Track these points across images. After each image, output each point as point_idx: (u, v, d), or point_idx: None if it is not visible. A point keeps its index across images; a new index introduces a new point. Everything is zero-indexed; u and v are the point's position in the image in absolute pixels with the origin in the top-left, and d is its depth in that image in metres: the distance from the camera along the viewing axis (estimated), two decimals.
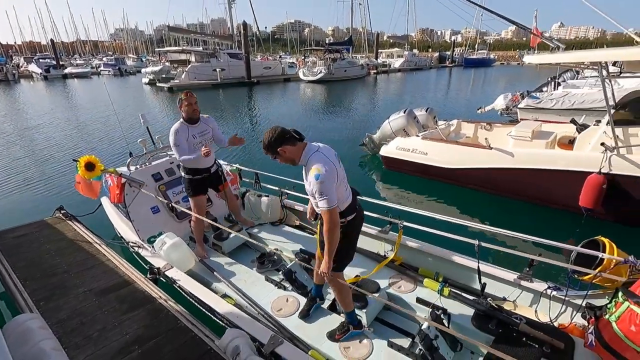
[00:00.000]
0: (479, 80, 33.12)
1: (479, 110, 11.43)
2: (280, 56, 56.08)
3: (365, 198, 3.21)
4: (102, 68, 48.93)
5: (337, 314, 2.83)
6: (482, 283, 2.81)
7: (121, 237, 4.00)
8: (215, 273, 3.34)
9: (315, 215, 2.44)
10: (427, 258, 3.32)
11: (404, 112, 7.46)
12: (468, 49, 65.81)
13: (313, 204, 2.33)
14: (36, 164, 8.60)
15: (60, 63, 44.80)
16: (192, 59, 29.41)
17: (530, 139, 5.59)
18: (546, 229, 4.85)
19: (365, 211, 2.58)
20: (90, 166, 3.47)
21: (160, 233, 3.69)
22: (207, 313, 2.78)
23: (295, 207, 4.37)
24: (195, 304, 2.87)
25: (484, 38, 79.12)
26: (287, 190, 4.35)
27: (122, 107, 17.62)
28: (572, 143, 5.40)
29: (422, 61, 51.80)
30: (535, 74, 30.53)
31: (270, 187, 4.61)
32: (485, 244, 2.81)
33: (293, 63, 47.79)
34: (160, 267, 3.20)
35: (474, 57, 57.44)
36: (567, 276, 2.52)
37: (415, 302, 2.91)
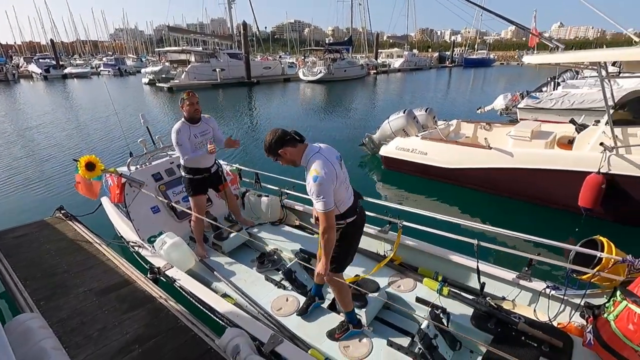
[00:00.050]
0: (478, 80, 33.14)
1: (479, 110, 11.43)
2: (280, 56, 56.07)
3: (364, 198, 3.22)
4: (101, 68, 48.93)
5: (337, 313, 2.83)
6: (481, 282, 2.82)
7: (121, 236, 4.01)
8: (215, 273, 3.35)
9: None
10: (427, 258, 3.33)
11: (404, 112, 7.47)
12: (468, 49, 65.85)
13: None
14: (36, 164, 8.61)
15: (60, 63, 44.81)
16: (192, 59, 29.42)
17: (530, 139, 5.60)
18: (545, 229, 4.86)
19: (365, 211, 2.59)
20: (90, 166, 3.47)
21: (161, 233, 3.70)
22: (207, 312, 2.79)
23: (295, 207, 4.38)
24: (196, 303, 2.88)
25: (483, 38, 79.23)
26: (287, 190, 4.36)
27: (122, 107, 17.62)
28: (571, 143, 5.40)
29: (421, 61, 51.84)
30: (535, 74, 30.54)
31: (270, 187, 4.62)
32: (484, 244, 2.82)
33: (293, 63, 47.80)
34: (160, 267, 3.21)
35: (474, 57, 57.50)
36: (566, 275, 2.53)
37: (415, 302, 2.91)
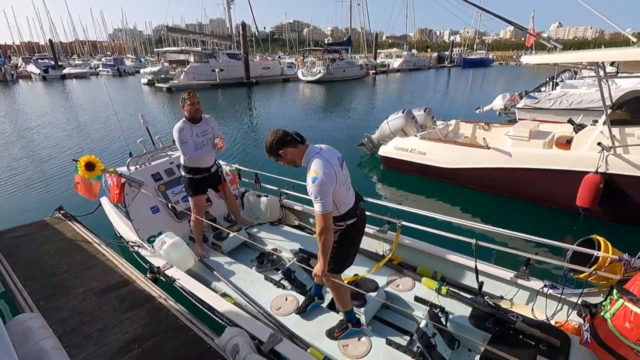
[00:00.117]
0: (477, 80, 33.19)
1: (478, 110, 11.44)
2: (279, 56, 56.04)
3: (364, 198, 3.23)
4: (100, 68, 48.89)
5: (336, 312, 2.85)
6: (479, 282, 2.84)
7: (121, 236, 4.02)
8: (214, 272, 3.35)
9: None
10: (425, 257, 3.35)
11: (403, 112, 7.48)
12: (467, 49, 65.94)
13: None
14: (36, 165, 8.61)
15: (59, 63, 44.72)
16: (191, 59, 29.41)
17: (528, 139, 5.62)
18: (544, 229, 4.88)
19: (365, 211, 2.60)
20: (90, 166, 3.48)
21: (160, 233, 3.71)
22: (207, 312, 2.79)
23: (295, 207, 4.39)
24: (195, 302, 2.89)
25: (482, 38, 79.21)
26: (286, 190, 4.37)
27: (121, 108, 17.61)
28: (569, 143, 5.42)
29: (420, 61, 51.91)
30: (534, 74, 30.57)
31: (269, 187, 4.63)
32: (482, 243, 2.83)
33: (292, 63, 47.77)
34: (160, 267, 3.22)
35: (473, 57, 57.58)
36: (564, 274, 2.54)
37: (414, 301, 2.93)
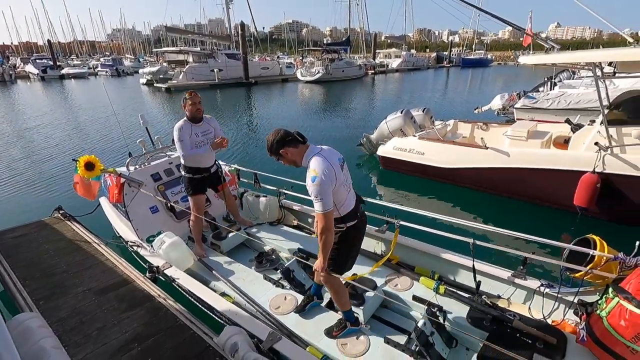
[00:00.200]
0: (476, 81, 33.25)
1: (476, 110, 11.47)
2: (278, 56, 55.98)
3: (364, 200, 3.24)
4: (99, 69, 48.85)
5: (335, 311, 2.86)
6: (477, 281, 2.85)
7: (120, 236, 4.02)
8: (213, 272, 3.36)
9: None
10: (423, 257, 3.36)
11: (401, 113, 7.49)
12: (465, 49, 66.07)
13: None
14: (35, 165, 8.60)
15: (57, 64, 44.66)
16: (190, 59, 29.41)
17: (526, 139, 5.64)
18: (541, 228, 4.90)
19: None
20: (90, 166, 3.49)
21: (159, 232, 3.72)
22: (206, 311, 2.80)
23: (293, 207, 4.39)
24: (194, 302, 2.90)
25: (481, 38, 79.49)
26: (285, 191, 4.37)
27: (120, 108, 17.60)
28: (567, 143, 5.44)
29: (419, 61, 51.99)
30: (532, 74, 30.66)
31: (268, 187, 4.63)
32: (480, 243, 2.85)
33: (291, 63, 47.78)
34: (159, 266, 3.23)
35: (472, 57, 57.72)
36: (560, 274, 2.56)
37: (412, 300, 2.94)
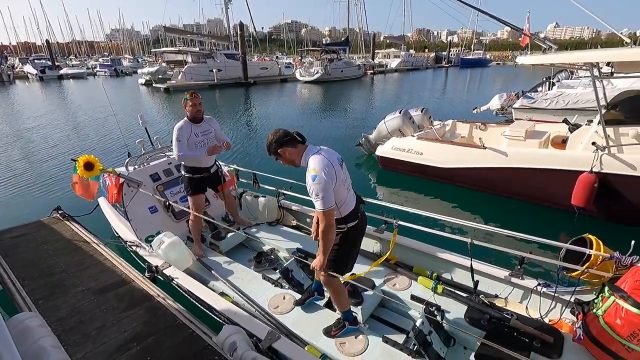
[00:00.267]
0: (475, 81, 33.30)
1: (475, 110, 11.48)
2: (277, 57, 56.04)
3: (364, 200, 3.25)
4: (98, 69, 48.81)
5: (333, 311, 2.87)
6: (474, 280, 2.87)
7: (119, 236, 4.03)
8: (212, 272, 3.38)
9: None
10: (422, 256, 3.38)
11: (400, 113, 7.51)
12: (464, 49, 66.08)
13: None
14: (33, 165, 8.60)
15: (56, 64, 44.62)
16: (189, 59, 29.39)
17: (524, 139, 5.65)
18: (539, 228, 4.90)
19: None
20: (89, 166, 3.50)
21: (158, 232, 3.73)
22: (205, 310, 2.81)
23: (292, 208, 4.40)
24: (193, 301, 2.91)
25: (480, 38, 79.57)
26: (284, 191, 4.37)
27: (119, 108, 17.59)
28: (565, 143, 5.46)
29: (418, 61, 52.06)
30: (531, 74, 30.71)
31: (267, 187, 4.64)
32: (478, 242, 2.86)
33: (290, 63, 47.75)
34: (158, 266, 3.24)
35: (470, 57, 57.76)
36: (557, 273, 2.58)
37: (410, 300, 2.96)
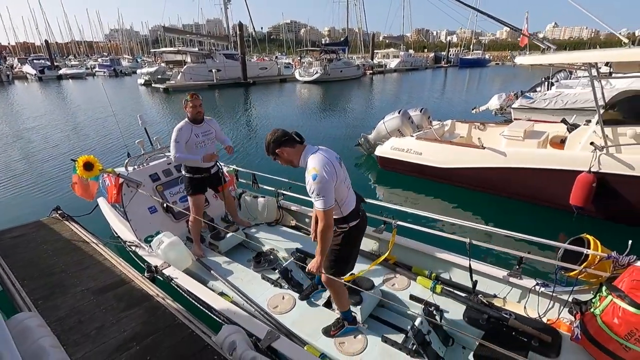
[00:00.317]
0: (474, 81, 33.32)
1: (474, 110, 11.51)
2: (277, 57, 55.95)
3: (364, 199, 3.26)
4: (97, 69, 48.71)
5: (333, 310, 2.88)
6: (473, 280, 2.88)
7: (118, 236, 4.03)
8: (212, 272, 3.38)
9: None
10: (420, 256, 3.38)
11: (399, 113, 7.52)
12: (463, 50, 66.09)
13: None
14: (33, 165, 8.59)
15: (55, 64, 44.51)
16: (188, 59, 29.38)
17: (522, 139, 5.67)
18: (538, 227, 4.92)
19: None
20: (88, 166, 3.50)
21: (158, 233, 3.73)
22: (204, 310, 2.82)
23: (292, 208, 4.40)
24: (193, 301, 2.91)
25: (479, 38, 79.66)
26: (283, 191, 4.38)
27: (119, 108, 17.57)
28: (563, 142, 5.47)
29: (417, 61, 52.10)
30: (530, 74, 30.75)
31: (267, 188, 4.64)
32: (476, 242, 2.87)
33: (289, 64, 47.74)
34: (157, 266, 3.24)
35: (469, 57, 57.78)
36: (555, 273, 2.59)
37: (409, 299, 2.96)
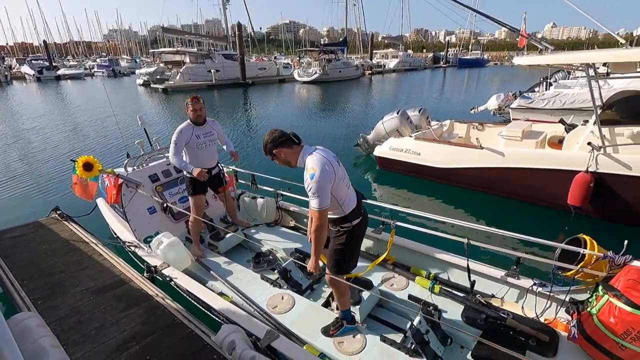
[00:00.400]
0: (472, 81, 33.38)
1: (472, 110, 11.54)
2: (275, 57, 56.02)
3: (365, 197, 3.27)
4: (95, 69, 48.64)
5: (331, 310, 2.90)
6: (471, 280, 2.89)
7: (117, 237, 4.04)
8: (211, 272, 3.39)
9: None
10: (419, 257, 3.40)
11: (397, 113, 7.54)
12: (462, 50, 66.15)
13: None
14: (32, 166, 8.58)
15: (53, 64, 44.43)
16: (187, 60, 29.33)
17: (521, 139, 5.69)
18: (535, 227, 4.95)
19: None
20: (88, 166, 3.51)
21: (157, 233, 3.74)
22: (204, 310, 2.83)
23: (291, 209, 4.41)
24: (192, 301, 2.93)
25: (477, 38, 79.58)
26: (282, 192, 4.39)
27: (118, 109, 17.56)
28: (561, 143, 5.50)
29: (416, 62, 52.20)
30: (528, 74, 30.74)
31: (266, 188, 4.65)
32: (474, 243, 2.88)
33: (288, 64, 47.75)
34: (157, 266, 3.25)
35: (468, 57, 57.84)
36: (552, 273, 2.61)
37: (407, 299, 2.98)
